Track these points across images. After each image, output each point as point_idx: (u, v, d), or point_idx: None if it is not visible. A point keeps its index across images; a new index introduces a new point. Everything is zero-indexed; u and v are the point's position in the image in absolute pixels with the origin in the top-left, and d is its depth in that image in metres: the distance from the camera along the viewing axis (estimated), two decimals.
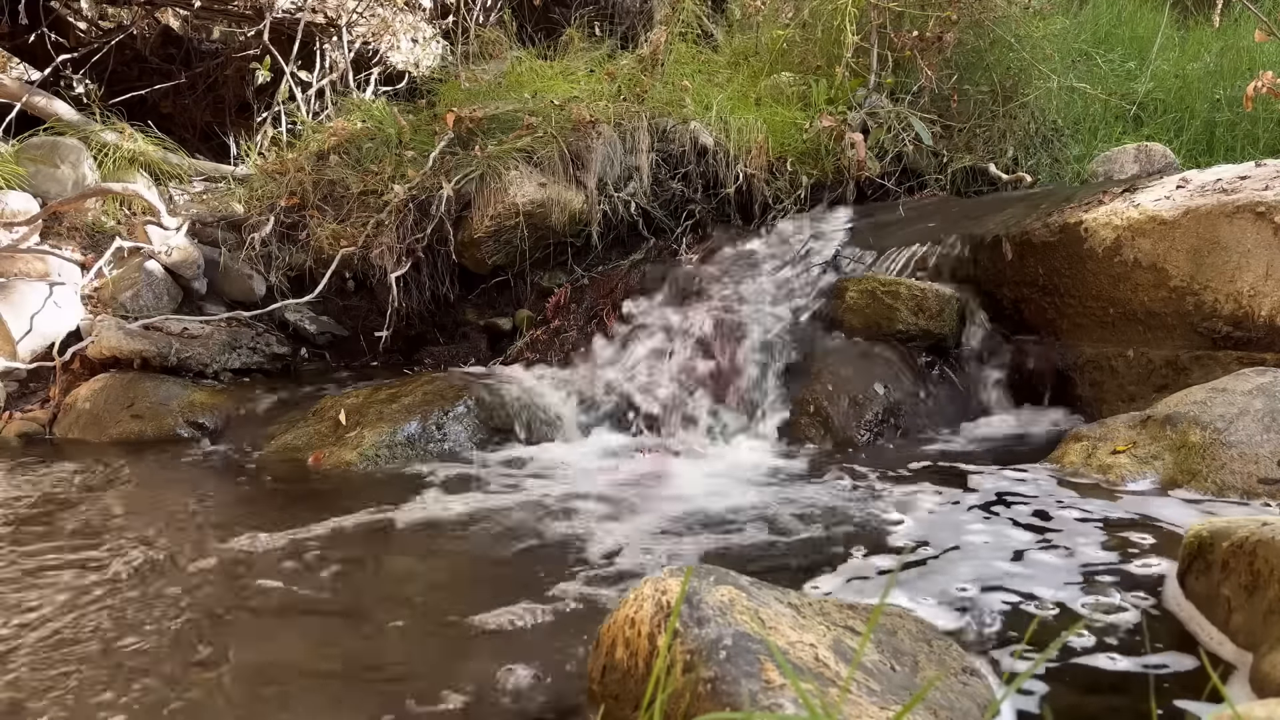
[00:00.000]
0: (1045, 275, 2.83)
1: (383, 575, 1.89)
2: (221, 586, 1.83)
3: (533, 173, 3.54)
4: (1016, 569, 1.68)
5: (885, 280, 2.95)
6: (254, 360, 3.48)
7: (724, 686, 1.01)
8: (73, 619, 1.67)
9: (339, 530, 2.11)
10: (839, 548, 1.88)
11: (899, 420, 2.70)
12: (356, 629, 1.64)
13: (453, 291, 3.75)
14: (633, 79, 4.00)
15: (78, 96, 5.40)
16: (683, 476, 2.50)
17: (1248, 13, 4.44)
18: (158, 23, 6.05)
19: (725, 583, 1.21)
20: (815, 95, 3.93)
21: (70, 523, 2.23)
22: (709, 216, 3.77)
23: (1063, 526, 1.86)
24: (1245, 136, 4.02)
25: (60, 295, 3.40)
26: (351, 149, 3.89)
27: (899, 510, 2.06)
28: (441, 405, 2.82)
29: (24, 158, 3.95)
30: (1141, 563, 1.66)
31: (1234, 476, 1.92)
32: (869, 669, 1.15)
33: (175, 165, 4.58)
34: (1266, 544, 1.31)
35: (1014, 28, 4.02)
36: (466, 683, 1.41)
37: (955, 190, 3.84)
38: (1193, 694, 1.25)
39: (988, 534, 1.86)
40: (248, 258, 3.73)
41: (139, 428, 3.05)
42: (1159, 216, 2.60)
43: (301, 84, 5.14)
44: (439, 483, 2.47)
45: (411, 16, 5.81)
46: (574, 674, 1.42)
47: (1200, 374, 2.48)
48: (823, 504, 2.16)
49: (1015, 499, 2.05)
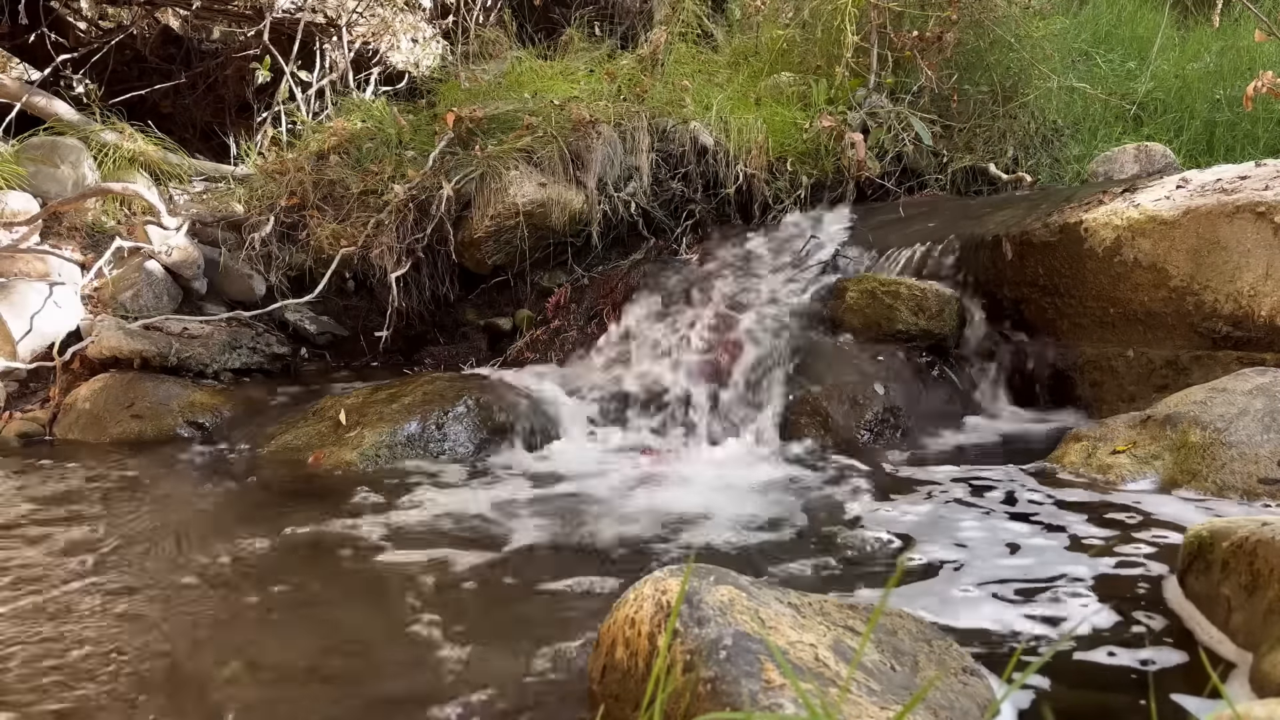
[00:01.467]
0: (1045, 275, 2.83)
1: (382, 575, 1.88)
2: (221, 586, 1.83)
3: (533, 173, 3.54)
4: (1016, 569, 1.68)
5: (885, 280, 2.95)
6: (254, 360, 3.48)
7: (724, 686, 1.01)
8: (72, 619, 1.67)
9: (339, 530, 2.11)
10: (839, 547, 1.88)
11: (899, 420, 2.70)
12: (356, 629, 1.64)
13: (453, 291, 3.75)
14: (633, 79, 4.00)
15: (78, 96, 5.40)
16: (682, 476, 2.50)
17: (1248, 13, 4.44)
18: (158, 23, 6.05)
19: (725, 582, 1.21)
20: (815, 95, 3.93)
21: (70, 523, 2.22)
22: (709, 216, 3.77)
23: (1063, 526, 1.86)
24: (1245, 136, 4.02)
25: (60, 295, 3.40)
26: (351, 149, 3.89)
27: (899, 510, 2.06)
28: (441, 405, 2.82)
29: (24, 158, 3.95)
30: (1141, 562, 1.66)
31: (1234, 476, 1.92)
32: (869, 669, 1.15)
33: (175, 165, 4.58)
34: (1266, 544, 1.31)
35: (1014, 28, 4.02)
36: (466, 682, 1.41)
37: (955, 190, 3.84)
38: (1193, 693, 1.25)
39: (988, 534, 1.86)
40: (248, 258, 3.73)
41: (139, 428, 3.05)
42: (1159, 216, 2.60)
43: (301, 84, 5.14)
44: (439, 483, 2.47)
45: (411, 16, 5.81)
46: (574, 674, 1.42)
47: (1200, 374, 2.48)
48: (823, 504, 2.16)
49: (1015, 499, 2.05)
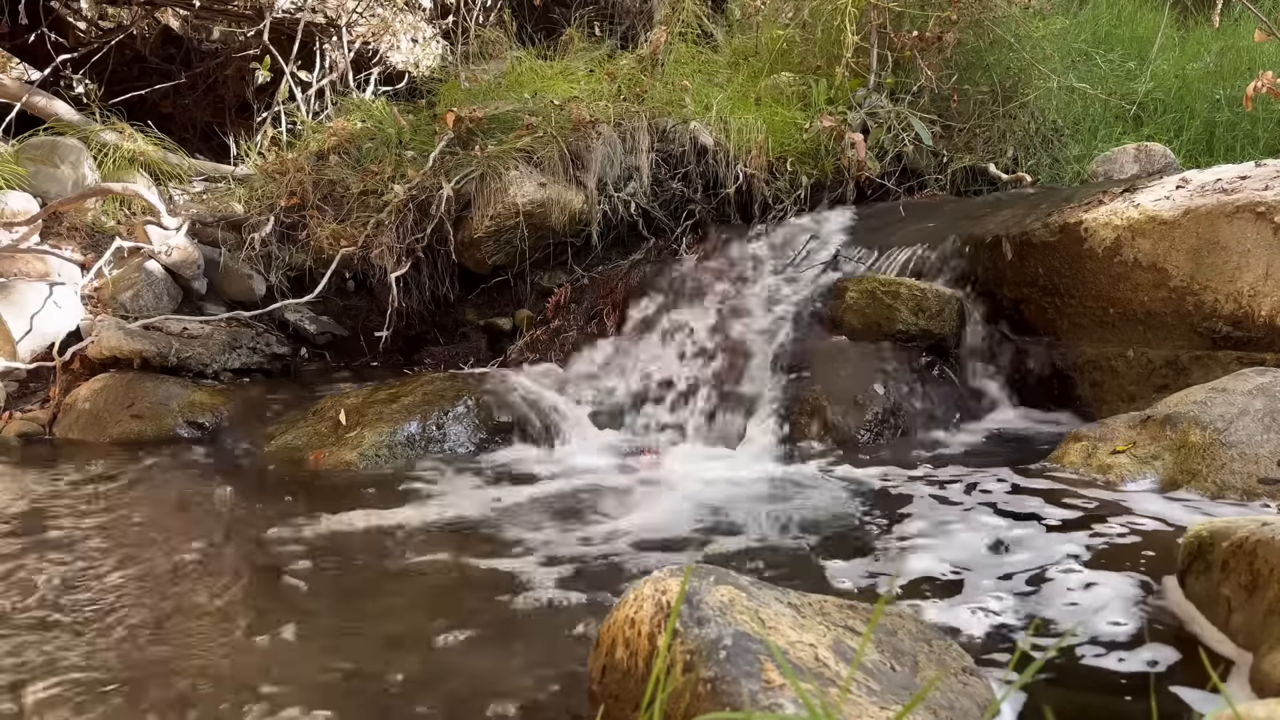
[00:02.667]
0: (1045, 275, 2.83)
1: (382, 575, 1.89)
2: (221, 586, 1.83)
3: (533, 173, 3.54)
4: (1016, 568, 1.68)
5: (885, 280, 2.95)
6: (254, 360, 3.48)
7: (724, 686, 1.01)
8: (71, 619, 1.67)
9: (339, 530, 2.11)
10: (839, 547, 1.88)
11: (899, 420, 2.70)
12: (356, 629, 1.64)
13: (453, 291, 3.75)
14: (633, 79, 4.00)
15: (78, 96, 5.40)
16: (682, 476, 2.50)
17: (1248, 13, 4.44)
18: (158, 23, 6.05)
19: (725, 582, 1.21)
20: (815, 95, 3.93)
21: (70, 523, 2.22)
22: (709, 216, 3.77)
23: (1063, 526, 1.86)
24: (1245, 136, 4.02)
25: (60, 295, 3.40)
26: (351, 149, 3.89)
27: (899, 510, 2.06)
28: (441, 405, 2.82)
29: (24, 158, 3.95)
30: (1141, 562, 1.66)
31: (1234, 476, 1.92)
32: (869, 669, 1.15)
33: (175, 165, 4.58)
34: (1266, 544, 1.31)
35: (1014, 28, 4.02)
36: (466, 682, 1.41)
37: (955, 190, 3.83)
38: (1193, 693, 1.25)
39: (987, 534, 1.86)
40: (248, 258, 3.73)
41: (139, 428, 3.05)
42: (1159, 216, 2.60)
43: (301, 84, 5.14)
44: (438, 483, 2.47)
45: (411, 16, 5.81)
46: (574, 674, 1.42)
47: (1200, 374, 2.48)
48: (823, 503, 2.16)
49: (1015, 499, 2.05)
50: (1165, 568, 1.61)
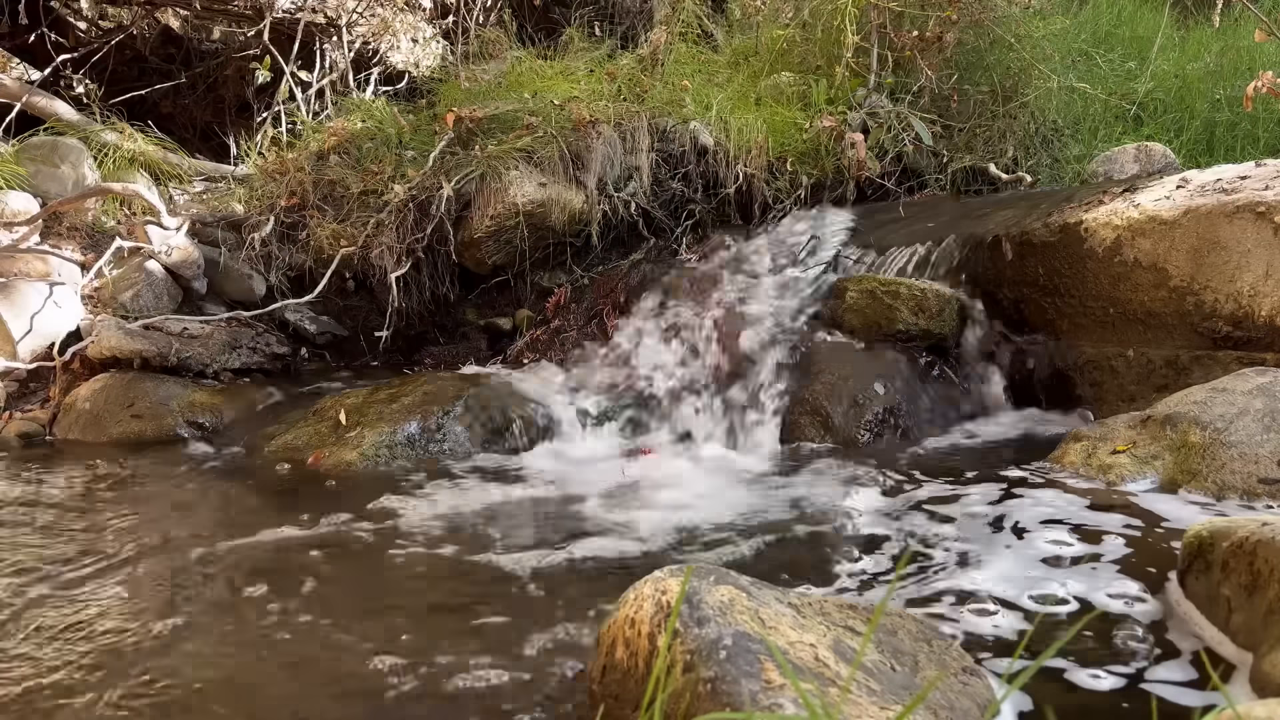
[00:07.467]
0: (1045, 275, 2.83)
1: (382, 575, 1.89)
2: (222, 586, 1.83)
3: (533, 173, 3.54)
4: (1016, 569, 1.68)
5: (885, 280, 2.95)
6: (254, 360, 3.48)
7: (724, 686, 1.01)
8: (70, 619, 1.67)
9: (339, 530, 2.11)
10: (839, 547, 1.88)
11: (899, 420, 2.70)
12: (356, 628, 1.64)
13: (453, 291, 3.75)
14: (633, 79, 4.00)
15: (78, 96, 5.40)
16: (682, 476, 2.50)
17: (1248, 13, 4.44)
18: (158, 23, 6.04)
19: (725, 582, 1.21)
20: (815, 95, 3.93)
21: (70, 523, 2.22)
22: (709, 216, 3.77)
23: (1062, 526, 1.86)
24: (1245, 136, 4.02)
25: (60, 295, 3.40)
26: (351, 149, 3.88)
27: (898, 510, 2.06)
28: (441, 405, 2.82)
29: (24, 158, 3.95)
30: (1141, 562, 1.66)
31: (1234, 476, 1.91)
32: (869, 669, 1.15)
33: (175, 165, 4.59)
34: (1266, 544, 1.31)
35: (1014, 28, 4.02)
36: (465, 681, 1.41)
37: (955, 190, 3.83)
38: (1193, 693, 1.25)
39: (987, 534, 1.86)
40: (248, 258, 3.73)
41: (139, 428, 3.05)
42: (1159, 216, 2.60)
43: (301, 84, 5.14)
44: (439, 483, 2.47)
45: (411, 16, 5.81)
46: (573, 674, 1.42)
47: (1200, 374, 2.48)
48: (823, 504, 2.16)
49: (1015, 499, 2.04)
50: (1165, 568, 1.61)
